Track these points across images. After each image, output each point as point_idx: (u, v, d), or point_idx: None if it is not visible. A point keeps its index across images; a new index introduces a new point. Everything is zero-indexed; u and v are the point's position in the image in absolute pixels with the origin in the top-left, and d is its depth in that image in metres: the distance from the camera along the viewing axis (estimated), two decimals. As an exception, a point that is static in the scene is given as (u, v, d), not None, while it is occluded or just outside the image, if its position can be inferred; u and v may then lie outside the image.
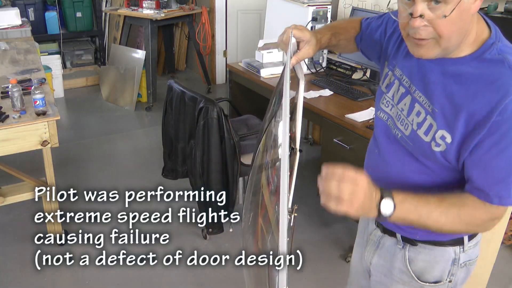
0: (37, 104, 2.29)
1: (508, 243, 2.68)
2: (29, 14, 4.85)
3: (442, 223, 0.98)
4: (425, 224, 0.98)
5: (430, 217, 0.97)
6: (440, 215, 0.97)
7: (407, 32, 0.97)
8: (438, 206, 0.98)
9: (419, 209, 0.96)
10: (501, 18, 2.60)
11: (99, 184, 3.23)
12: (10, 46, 3.47)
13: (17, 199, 2.47)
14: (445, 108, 1.00)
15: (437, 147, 1.02)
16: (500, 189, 0.97)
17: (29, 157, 2.76)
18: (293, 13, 2.98)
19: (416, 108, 1.06)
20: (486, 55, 0.96)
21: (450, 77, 1.00)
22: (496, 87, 0.92)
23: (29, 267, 2.44)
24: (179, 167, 2.75)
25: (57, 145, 2.37)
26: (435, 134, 1.02)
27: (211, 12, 4.96)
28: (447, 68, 1.00)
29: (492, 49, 0.97)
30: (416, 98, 1.07)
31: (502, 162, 0.95)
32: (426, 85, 1.04)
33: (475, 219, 1.01)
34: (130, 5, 4.58)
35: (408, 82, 1.09)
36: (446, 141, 1.00)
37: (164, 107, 2.74)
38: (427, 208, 0.97)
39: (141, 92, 4.65)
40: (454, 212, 0.98)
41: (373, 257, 1.31)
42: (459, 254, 1.19)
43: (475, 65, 0.97)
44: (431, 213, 0.97)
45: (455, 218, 0.99)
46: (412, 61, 1.08)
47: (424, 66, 1.05)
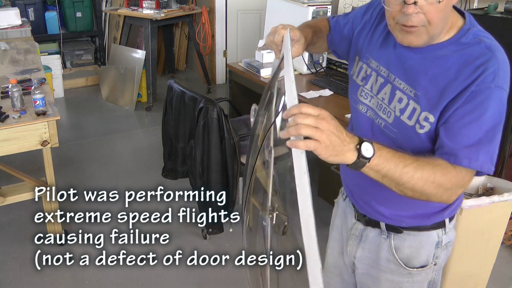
0: (37, 104, 2.29)
1: (508, 243, 2.68)
2: (29, 14, 4.85)
3: (416, 178, 0.95)
4: (399, 177, 0.95)
5: (405, 170, 0.94)
6: (415, 170, 0.95)
7: (396, 21, 1.01)
8: (414, 161, 0.96)
9: (395, 159, 0.94)
10: (501, 18, 2.60)
11: (99, 184, 3.23)
12: (10, 46, 3.47)
13: (17, 199, 2.47)
14: (428, 91, 1.04)
15: (421, 129, 1.06)
16: (469, 152, 0.98)
17: (29, 157, 2.77)
18: (293, 13, 2.98)
19: (398, 95, 1.11)
20: (463, 40, 1.04)
21: (430, 62, 1.05)
22: (476, 65, 0.99)
23: (29, 267, 2.45)
24: (179, 167, 2.75)
25: (57, 145, 2.37)
26: (419, 117, 1.06)
27: (211, 12, 4.96)
28: (428, 53, 1.06)
29: (469, 34, 1.04)
30: (396, 85, 1.11)
31: (473, 130, 0.98)
32: (407, 72, 1.09)
33: (446, 181, 0.99)
34: (130, 5, 4.58)
35: (386, 72, 1.14)
36: (429, 121, 1.04)
37: (164, 107, 2.74)
38: (403, 160, 0.95)
39: (141, 92, 4.65)
40: (428, 169, 0.97)
41: (357, 250, 1.33)
42: (442, 236, 1.24)
43: (453, 49, 1.04)
44: (407, 166, 0.94)
45: (429, 176, 0.96)
46: (389, 51, 1.13)
47: (402, 55, 1.10)
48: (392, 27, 1.05)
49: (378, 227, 1.26)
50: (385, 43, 1.16)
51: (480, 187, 2.27)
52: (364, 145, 0.89)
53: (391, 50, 1.13)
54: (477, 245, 2.14)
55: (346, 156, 0.88)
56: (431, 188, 0.98)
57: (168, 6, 4.59)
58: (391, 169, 0.94)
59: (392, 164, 0.93)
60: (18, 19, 3.96)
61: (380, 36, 1.18)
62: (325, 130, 0.84)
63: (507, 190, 2.10)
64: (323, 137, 0.84)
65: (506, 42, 2.90)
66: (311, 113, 0.84)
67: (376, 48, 1.18)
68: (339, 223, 1.42)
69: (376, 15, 1.22)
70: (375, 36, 1.19)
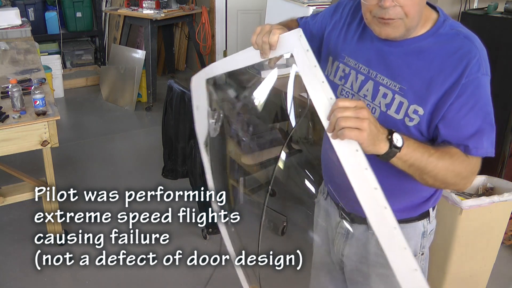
0: (37, 104, 2.29)
1: (508, 243, 2.68)
2: (29, 14, 4.85)
3: (439, 167, 1.01)
4: (425, 166, 1.00)
5: (430, 160, 0.99)
6: (438, 159, 1.01)
7: (373, 15, 1.04)
8: (436, 151, 1.01)
9: (421, 149, 0.99)
10: (501, 18, 2.60)
11: (99, 184, 3.23)
12: (10, 46, 3.47)
13: (17, 199, 2.47)
14: (414, 84, 1.07)
15: (410, 122, 1.08)
16: (474, 141, 1.04)
17: (29, 157, 2.76)
18: (293, 13, 2.98)
19: (382, 91, 1.12)
20: (440, 31, 1.08)
21: (412, 55, 1.08)
22: (459, 56, 1.03)
23: (29, 267, 2.44)
24: (179, 167, 2.75)
25: (57, 145, 2.37)
26: (407, 110, 1.08)
27: (211, 12, 4.95)
28: (408, 47, 1.08)
29: (445, 26, 1.08)
30: (379, 81, 1.12)
31: (472, 119, 1.04)
32: (389, 67, 1.10)
33: (463, 169, 1.05)
34: (130, 5, 4.58)
35: (366, 69, 1.15)
36: (419, 114, 1.07)
37: (164, 107, 2.74)
38: (428, 150, 1.00)
39: (141, 92, 4.65)
40: (448, 159, 1.02)
41: (344, 248, 1.33)
42: (427, 226, 1.26)
43: (433, 41, 1.07)
44: (431, 156, 1.00)
45: (449, 165, 1.02)
46: (367, 48, 1.14)
47: (382, 51, 1.12)
48: (370, 21, 1.07)
49: (365, 223, 1.26)
50: (362, 40, 1.16)
51: (480, 187, 2.27)
52: (395, 135, 0.94)
53: (369, 46, 1.14)
54: (477, 245, 2.14)
55: (380, 146, 0.92)
56: (451, 177, 1.04)
57: (168, 6, 4.59)
58: (418, 159, 0.98)
59: (418, 153, 0.98)
60: (18, 19, 3.96)
61: (355, 34, 1.18)
62: (365, 119, 0.88)
63: (507, 190, 2.11)
64: (364, 125, 0.88)
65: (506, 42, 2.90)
66: (349, 105, 0.88)
67: (352, 46, 1.18)
68: (323, 222, 1.42)
69: (346, 14, 1.22)
70: (349, 35, 1.20)
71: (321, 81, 0.95)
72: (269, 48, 1.04)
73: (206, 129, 1.41)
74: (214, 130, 1.41)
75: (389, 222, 0.88)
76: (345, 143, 0.90)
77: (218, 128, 1.40)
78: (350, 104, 0.88)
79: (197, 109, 1.41)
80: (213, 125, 1.40)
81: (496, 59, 2.51)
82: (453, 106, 1.03)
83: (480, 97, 1.04)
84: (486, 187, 2.27)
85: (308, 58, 0.98)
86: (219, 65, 1.35)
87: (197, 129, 1.45)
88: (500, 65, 2.53)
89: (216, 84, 1.34)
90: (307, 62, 0.98)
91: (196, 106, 1.41)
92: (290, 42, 1.02)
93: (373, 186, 0.89)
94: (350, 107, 0.88)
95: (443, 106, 1.04)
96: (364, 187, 0.89)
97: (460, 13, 2.88)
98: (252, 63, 1.13)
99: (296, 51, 1.01)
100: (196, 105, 1.41)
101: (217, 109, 1.39)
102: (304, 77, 0.99)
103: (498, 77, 1.95)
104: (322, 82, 0.95)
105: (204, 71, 1.35)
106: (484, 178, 2.26)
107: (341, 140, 0.90)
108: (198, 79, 1.36)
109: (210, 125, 1.41)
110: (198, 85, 1.37)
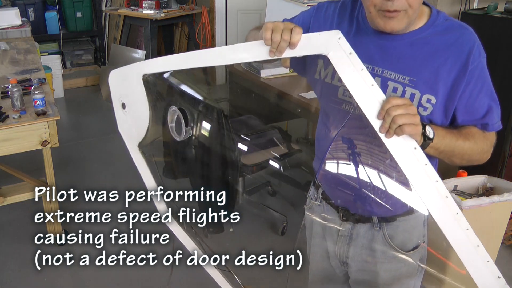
0: (37, 104, 2.29)
1: (508, 243, 2.68)
2: (29, 14, 4.85)
3: (466, 148, 1.10)
4: (453, 150, 1.09)
5: (457, 143, 1.09)
6: (464, 141, 1.10)
7: (377, 9, 1.06)
8: (460, 134, 1.10)
9: (449, 135, 1.08)
10: (501, 18, 2.60)
11: (99, 184, 3.23)
12: (10, 46, 3.47)
13: (17, 199, 2.47)
14: (423, 75, 1.10)
15: (424, 111, 1.11)
16: (489, 118, 1.13)
17: (29, 157, 2.76)
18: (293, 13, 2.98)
19: (391, 86, 1.13)
20: (437, 22, 1.12)
21: (416, 47, 1.11)
22: (459, 44, 1.09)
23: (29, 267, 2.43)
24: (179, 167, 2.75)
25: (57, 145, 2.37)
26: (420, 100, 1.11)
27: (211, 12, 4.95)
28: (410, 39, 1.12)
29: (439, 17, 1.13)
30: (386, 77, 1.13)
31: (483, 99, 1.12)
32: (394, 62, 1.12)
33: (485, 145, 1.14)
34: (130, 5, 4.59)
35: (370, 66, 1.15)
36: (431, 102, 1.11)
37: (164, 107, 2.74)
38: (454, 135, 1.09)
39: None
40: (471, 139, 1.11)
41: (349, 249, 1.32)
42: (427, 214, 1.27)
43: (432, 32, 1.12)
44: (458, 140, 1.09)
45: (474, 145, 1.11)
46: (366, 46, 1.14)
47: (384, 47, 1.13)
48: (373, 15, 1.07)
49: (369, 222, 1.26)
50: (358, 39, 1.14)
51: (480, 187, 2.27)
52: (427, 128, 1.02)
53: (369, 44, 1.14)
54: (477, 245, 2.13)
55: (417, 139, 0.98)
56: (475, 153, 1.13)
57: (168, 6, 4.59)
58: (448, 145, 1.07)
59: (447, 140, 1.07)
60: (18, 19, 3.96)
61: (348, 34, 1.15)
62: (416, 114, 0.96)
63: (507, 190, 2.11)
64: (418, 120, 0.96)
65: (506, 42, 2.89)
66: (400, 103, 0.94)
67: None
68: (319, 229, 1.40)
69: (331, 16, 1.21)
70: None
71: (371, 84, 0.97)
72: (286, 46, 0.99)
73: (144, 130, 1.31)
74: (178, 133, 1.33)
75: (452, 209, 0.99)
76: (402, 141, 0.96)
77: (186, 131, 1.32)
78: (401, 102, 0.95)
79: (123, 107, 1.29)
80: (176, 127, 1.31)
81: (496, 59, 2.51)
82: (465, 93, 1.10)
83: (485, 77, 1.11)
84: (486, 187, 2.27)
85: (353, 62, 0.97)
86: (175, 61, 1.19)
87: (125, 128, 1.36)
88: (500, 65, 2.53)
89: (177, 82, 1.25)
90: (351, 66, 0.97)
91: (122, 104, 1.28)
92: (324, 43, 0.98)
93: (435, 179, 0.96)
94: (402, 104, 0.94)
95: (455, 96, 1.10)
96: (426, 182, 0.96)
97: (460, 13, 2.88)
98: (253, 60, 1.08)
99: (335, 54, 0.97)
100: (122, 103, 1.28)
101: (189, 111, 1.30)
102: (348, 80, 0.98)
103: (498, 77, 1.95)
104: (372, 85, 0.97)
105: (136, 66, 1.24)
106: (484, 178, 2.26)
107: (396, 139, 0.96)
108: (128, 74, 1.23)
109: (171, 128, 1.34)
110: (126, 81, 1.24)
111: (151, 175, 1.40)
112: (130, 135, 1.35)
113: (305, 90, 2.72)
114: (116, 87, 1.25)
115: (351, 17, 1.19)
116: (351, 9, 1.20)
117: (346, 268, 1.37)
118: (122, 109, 1.29)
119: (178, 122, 1.30)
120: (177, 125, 1.35)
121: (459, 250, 1.00)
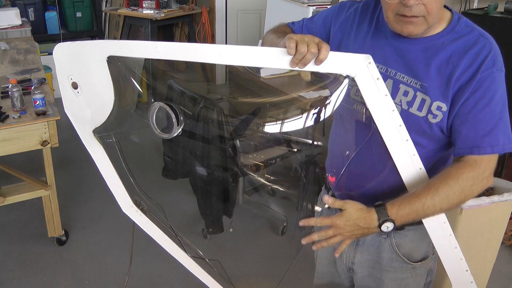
0: (37, 104, 2.29)
1: (508, 243, 2.68)
2: (29, 14, 4.85)
3: (439, 203, 1.05)
4: (425, 215, 1.08)
5: (425, 207, 1.05)
6: (433, 198, 1.05)
7: (395, 13, 1.05)
8: (427, 193, 1.05)
9: (413, 207, 1.06)
10: (501, 18, 2.60)
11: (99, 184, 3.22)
12: (10, 46, 3.47)
13: (17, 199, 2.47)
14: (435, 82, 1.08)
15: (434, 119, 1.09)
16: (490, 139, 1.05)
17: (29, 157, 2.76)
18: (293, 13, 2.98)
19: (402, 89, 1.12)
20: (457, 28, 1.10)
21: (431, 52, 1.09)
22: (474, 52, 1.05)
23: (29, 267, 2.45)
24: (179, 167, 2.75)
25: (57, 145, 2.37)
26: (430, 107, 1.09)
27: (211, 12, 4.95)
28: (426, 44, 1.10)
29: (460, 23, 1.10)
30: (398, 80, 1.12)
31: (487, 114, 1.04)
32: (408, 65, 1.11)
33: (464, 183, 1.06)
34: (130, 5, 4.58)
35: (383, 67, 1.14)
36: (442, 110, 1.08)
37: (164, 107, 2.73)
38: (419, 201, 1.05)
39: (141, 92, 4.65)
40: (443, 187, 1.05)
41: (355, 255, 1.32)
42: None
43: (451, 38, 1.09)
44: (424, 204, 1.05)
45: (447, 192, 1.05)
46: (382, 48, 1.14)
47: (399, 49, 1.12)
48: (391, 19, 1.07)
49: None
50: (375, 40, 1.16)
51: (480, 187, 2.27)
52: (383, 226, 1.05)
53: (385, 45, 1.14)
54: (477, 245, 2.14)
55: (370, 233, 1.09)
56: (456, 198, 1.07)
57: (168, 6, 4.59)
58: (415, 217, 1.07)
59: (412, 215, 1.06)
60: (18, 19, 3.96)
61: (367, 34, 1.18)
62: (344, 232, 1.09)
63: (507, 190, 2.10)
64: (345, 235, 1.09)
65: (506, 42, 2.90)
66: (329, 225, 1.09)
67: (365, 46, 1.18)
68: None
69: (353, 15, 1.22)
70: (360, 35, 1.19)
71: (392, 110, 1.00)
72: (311, 60, 0.97)
73: (105, 116, 1.23)
74: (167, 131, 1.28)
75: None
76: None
77: (176, 127, 1.27)
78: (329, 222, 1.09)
79: (73, 87, 1.15)
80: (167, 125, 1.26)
81: (496, 59, 2.50)
82: (469, 101, 1.05)
83: (495, 91, 1.04)
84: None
85: (378, 87, 1.00)
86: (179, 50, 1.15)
87: (74, 110, 1.22)
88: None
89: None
90: (377, 91, 1.00)
91: (73, 82, 1.14)
92: (353, 66, 0.99)
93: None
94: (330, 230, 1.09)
95: (458, 101, 1.06)
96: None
97: (460, 13, 2.88)
98: (270, 67, 1.02)
99: (362, 77, 1.01)
100: (73, 82, 1.13)
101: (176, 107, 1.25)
102: (372, 104, 1.02)
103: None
104: (393, 111, 1.00)
105: (96, 45, 1.13)
106: (484, 178, 2.26)
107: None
108: (84, 52, 1.11)
109: (153, 124, 1.29)
110: (79, 59, 1.10)
111: (110, 163, 1.29)
112: (82, 118, 1.22)
113: (305, 90, 2.71)
114: (64, 63, 1.09)
115: (371, 17, 1.19)
116: (373, 8, 1.21)
117: (352, 274, 1.36)
118: (72, 88, 1.15)
119: (168, 120, 1.25)
120: (168, 123, 1.28)
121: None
